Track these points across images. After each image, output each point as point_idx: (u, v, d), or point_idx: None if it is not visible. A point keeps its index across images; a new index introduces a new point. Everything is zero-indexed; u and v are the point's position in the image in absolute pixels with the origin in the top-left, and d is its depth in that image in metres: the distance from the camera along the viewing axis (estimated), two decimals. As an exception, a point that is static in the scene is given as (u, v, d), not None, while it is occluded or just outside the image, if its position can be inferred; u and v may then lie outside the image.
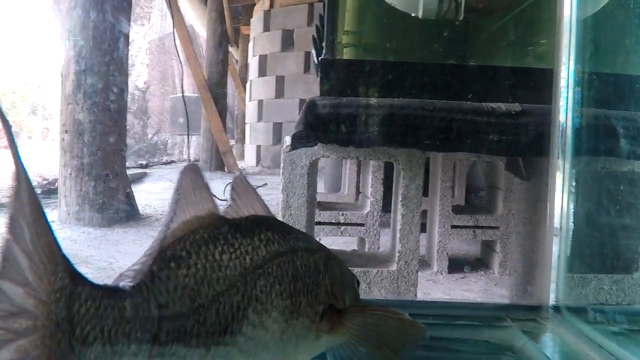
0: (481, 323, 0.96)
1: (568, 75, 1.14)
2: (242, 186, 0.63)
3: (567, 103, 1.14)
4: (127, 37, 3.64)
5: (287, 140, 1.39)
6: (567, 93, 1.14)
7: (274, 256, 0.56)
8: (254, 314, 0.53)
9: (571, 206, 1.18)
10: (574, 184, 1.19)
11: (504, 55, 1.45)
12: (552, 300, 1.12)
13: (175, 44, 6.40)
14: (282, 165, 1.39)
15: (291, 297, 0.56)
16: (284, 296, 0.56)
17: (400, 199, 1.37)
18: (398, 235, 1.38)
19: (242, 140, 10.59)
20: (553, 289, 1.12)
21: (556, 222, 1.20)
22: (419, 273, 1.42)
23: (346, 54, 1.39)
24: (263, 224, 0.59)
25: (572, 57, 1.13)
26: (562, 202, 1.18)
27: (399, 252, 1.38)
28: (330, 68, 1.32)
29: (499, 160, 2.54)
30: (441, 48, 1.42)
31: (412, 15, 1.36)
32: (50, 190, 4.41)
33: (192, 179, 0.56)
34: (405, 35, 1.45)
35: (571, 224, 1.17)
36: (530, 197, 1.60)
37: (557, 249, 1.15)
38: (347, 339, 0.63)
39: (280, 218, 1.40)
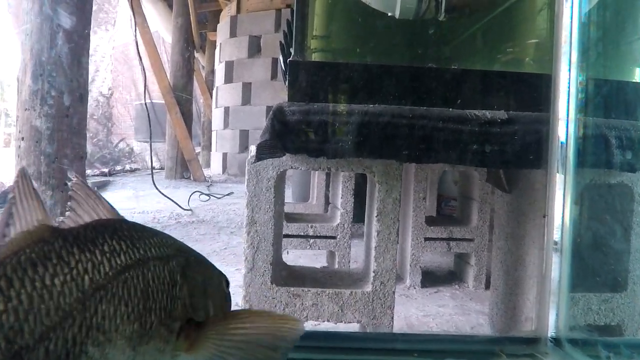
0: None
1: (569, 80, 1.04)
2: (81, 191, 0.55)
3: (567, 111, 1.04)
4: (87, 40, 3.49)
5: (253, 150, 1.28)
6: (568, 100, 1.04)
7: (119, 272, 0.48)
8: (94, 347, 0.45)
9: (572, 222, 1.07)
10: (575, 198, 1.08)
11: (489, 58, 1.35)
12: (551, 331, 1.01)
13: (137, 49, 6.25)
14: (246, 177, 1.27)
15: (140, 318, 0.49)
16: (132, 319, 0.48)
17: (375, 213, 1.26)
18: (373, 253, 1.27)
19: (208, 147, 10.45)
20: (552, 316, 1.01)
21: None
22: (392, 288, 1.32)
23: (317, 56, 1.28)
24: (107, 231, 0.51)
25: (575, 59, 1.03)
26: (562, 217, 1.07)
27: (374, 272, 1.27)
28: (299, 71, 1.21)
29: (473, 170, 2.46)
30: (420, 50, 1.32)
31: (389, 14, 1.26)
32: (7, 197, 4.23)
33: (22, 186, 0.49)
34: (381, 36, 1.34)
35: (572, 243, 1.06)
36: (512, 210, 1.50)
37: (557, 271, 1.04)
38: (210, 354, 0.55)
39: (244, 235, 1.28)
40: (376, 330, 1.27)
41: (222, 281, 0.65)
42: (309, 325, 1.72)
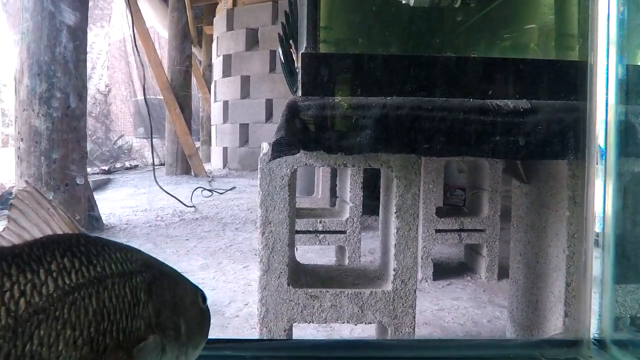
0: (514, 368, 0.81)
1: (608, 67, 0.99)
2: (30, 201, 0.49)
3: (607, 99, 0.99)
4: (84, 37, 3.44)
5: (265, 147, 1.23)
6: (607, 88, 0.99)
7: (66, 292, 0.44)
8: None
9: (614, 215, 1.02)
10: (618, 189, 1.03)
11: (511, 46, 1.30)
12: (593, 332, 0.96)
13: (135, 45, 6.19)
14: (259, 176, 1.22)
15: (91, 342, 0.44)
16: (80, 343, 0.44)
17: (394, 210, 1.21)
18: (392, 251, 1.23)
19: (208, 142, 10.40)
20: (594, 316, 0.96)
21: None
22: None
23: (330, 48, 1.23)
24: (58, 248, 0.46)
25: (614, 45, 0.98)
26: (603, 210, 1.02)
27: (394, 270, 1.23)
28: (312, 63, 1.15)
29: (483, 160, 2.42)
30: (438, 39, 1.27)
31: (403, 2, 1.21)
32: (9, 199, 4.19)
33: None
34: (397, 25, 1.29)
35: (615, 237, 1.01)
36: (531, 201, 1.46)
37: (599, 267, 0.99)
38: None
39: (258, 236, 1.24)
40: (397, 330, 1.23)
41: (198, 297, 0.61)
42: (329, 328, 1.68)
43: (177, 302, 0.55)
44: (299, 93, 1.17)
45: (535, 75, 1.19)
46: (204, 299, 0.62)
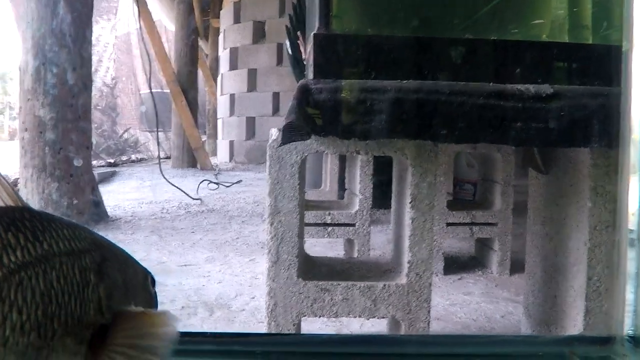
0: (544, 365, 0.76)
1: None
2: None
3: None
4: (89, 27, 3.39)
5: (274, 133, 1.18)
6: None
7: (11, 271, 0.40)
8: None
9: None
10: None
11: (532, 28, 1.24)
12: (628, 329, 0.90)
13: (142, 37, 6.16)
14: (268, 163, 1.17)
15: (39, 327, 0.40)
16: (27, 328, 0.39)
17: (409, 199, 1.16)
18: (407, 242, 1.18)
19: (214, 135, 10.37)
20: (629, 312, 0.90)
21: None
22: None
23: (343, 28, 1.18)
24: (1, 222, 0.42)
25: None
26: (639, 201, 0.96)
27: (408, 263, 1.17)
28: (324, 45, 1.10)
29: (495, 152, 2.36)
30: (456, 20, 1.22)
31: (420, -18, 1.16)
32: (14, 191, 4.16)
33: None
34: (413, 6, 1.24)
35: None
36: (550, 192, 1.40)
37: (634, 262, 0.93)
38: None
39: (267, 225, 1.19)
40: (411, 325, 1.18)
41: (148, 280, 0.57)
42: (345, 323, 1.63)
43: (128, 285, 0.51)
44: (310, 76, 1.12)
45: (561, 60, 1.14)
46: (153, 282, 0.58)
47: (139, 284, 0.54)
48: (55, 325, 0.42)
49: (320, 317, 1.22)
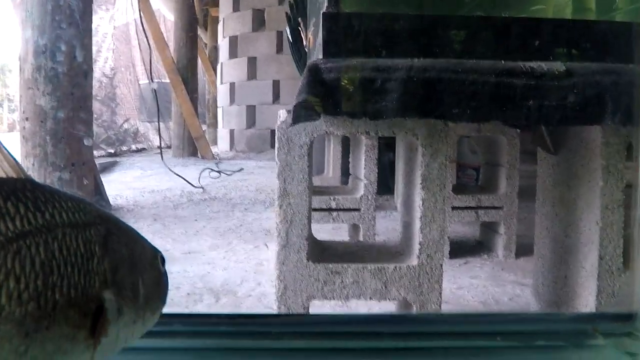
0: (566, 343, 0.74)
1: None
2: None
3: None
4: (89, 15, 3.37)
5: (282, 114, 1.17)
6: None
7: (9, 239, 0.39)
8: None
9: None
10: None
11: (543, 4, 1.23)
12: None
13: (143, 27, 6.13)
14: (276, 145, 1.16)
15: (38, 297, 0.39)
16: (25, 298, 0.39)
17: (419, 180, 1.15)
18: (418, 224, 1.17)
19: (214, 124, 10.34)
20: None
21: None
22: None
23: (353, 6, 1.16)
24: (1, 191, 0.41)
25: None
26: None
27: (420, 244, 1.16)
28: (335, 24, 1.09)
29: (500, 135, 2.35)
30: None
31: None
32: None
33: None
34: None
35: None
36: (560, 173, 1.39)
37: None
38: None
39: (276, 209, 1.18)
40: (423, 307, 1.17)
41: (157, 258, 0.56)
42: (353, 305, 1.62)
43: (135, 261, 0.50)
44: (320, 55, 1.10)
45: (573, 37, 1.12)
46: (163, 261, 0.57)
47: (147, 261, 0.53)
48: (57, 296, 0.41)
49: (330, 299, 1.21)
